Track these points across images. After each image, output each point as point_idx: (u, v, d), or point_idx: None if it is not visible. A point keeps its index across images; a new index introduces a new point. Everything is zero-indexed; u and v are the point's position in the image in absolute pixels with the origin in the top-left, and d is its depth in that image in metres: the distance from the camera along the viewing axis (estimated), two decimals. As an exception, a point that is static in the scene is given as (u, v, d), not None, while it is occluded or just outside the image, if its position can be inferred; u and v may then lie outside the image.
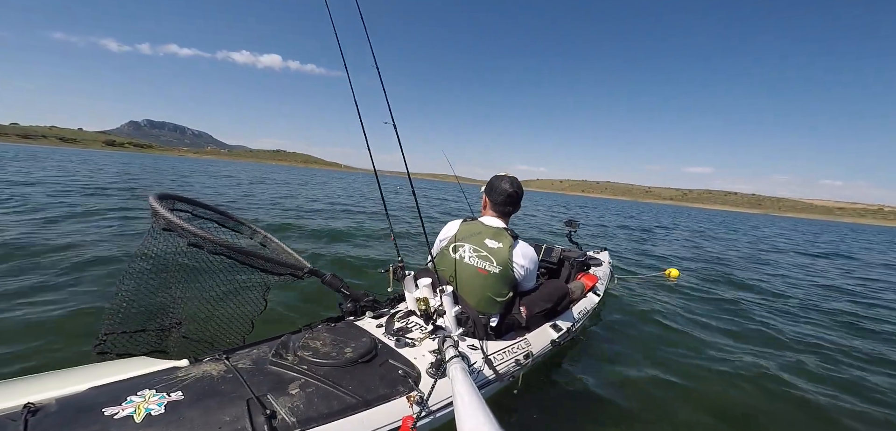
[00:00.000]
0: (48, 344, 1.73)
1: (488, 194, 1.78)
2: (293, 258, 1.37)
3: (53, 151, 49.64)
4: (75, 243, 3.52)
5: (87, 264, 2.97)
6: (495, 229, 1.70)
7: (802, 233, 22.43)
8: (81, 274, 2.74)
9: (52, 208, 5.25)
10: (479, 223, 1.76)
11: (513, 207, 1.77)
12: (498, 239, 1.66)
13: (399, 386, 1.13)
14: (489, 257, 1.62)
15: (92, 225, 4.48)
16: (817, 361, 2.57)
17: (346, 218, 7.43)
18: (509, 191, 1.72)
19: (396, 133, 1.64)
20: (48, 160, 18.91)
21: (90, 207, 5.61)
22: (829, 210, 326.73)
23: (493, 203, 1.76)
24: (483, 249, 1.65)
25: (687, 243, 9.75)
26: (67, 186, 8.03)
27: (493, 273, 1.61)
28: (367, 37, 1.64)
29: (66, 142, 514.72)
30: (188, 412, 0.88)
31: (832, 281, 6.10)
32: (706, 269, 5.94)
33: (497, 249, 1.64)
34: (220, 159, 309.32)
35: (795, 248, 11.47)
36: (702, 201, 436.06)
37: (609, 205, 39.78)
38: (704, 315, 3.43)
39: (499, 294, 1.64)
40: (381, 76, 1.62)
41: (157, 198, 1.01)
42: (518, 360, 1.52)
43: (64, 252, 3.20)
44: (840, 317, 3.72)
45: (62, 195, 6.63)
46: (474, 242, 1.67)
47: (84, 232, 4.01)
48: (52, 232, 3.87)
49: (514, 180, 1.75)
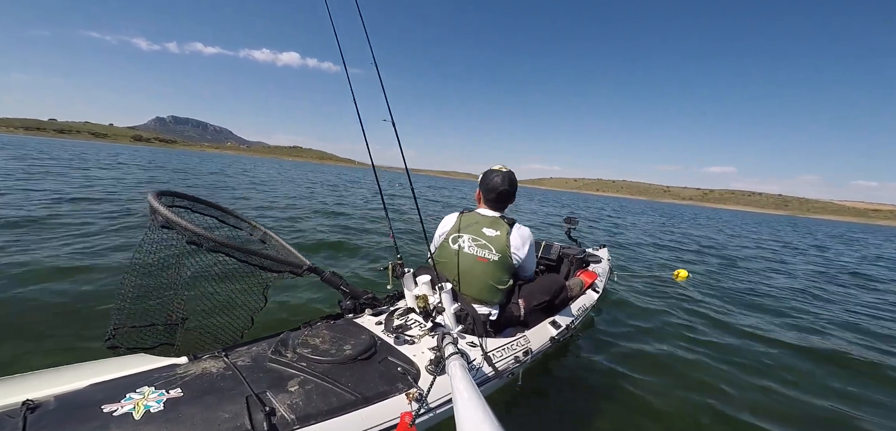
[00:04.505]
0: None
1: (481, 188, 1.80)
2: (293, 255, 1.38)
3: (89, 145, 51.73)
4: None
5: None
6: (492, 218, 1.73)
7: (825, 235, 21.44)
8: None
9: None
10: (476, 213, 1.78)
11: (504, 203, 1.78)
12: (495, 227, 1.69)
13: (398, 383, 1.13)
14: (488, 245, 1.66)
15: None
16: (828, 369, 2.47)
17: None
18: (501, 187, 1.72)
19: (395, 131, 1.65)
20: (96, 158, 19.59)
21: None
22: (861, 212, 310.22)
23: (485, 198, 1.79)
24: (481, 238, 1.68)
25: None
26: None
27: (493, 260, 1.65)
28: (365, 34, 1.64)
29: (98, 137, 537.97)
30: (187, 409, 0.88)
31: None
32: (713, 271, 5.78)
33: (495, 237, 1.67)
34: (239, 154, 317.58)
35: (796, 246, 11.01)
36: (723, 201, 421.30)
37: (631, 206, 39.10)
38: (710, 313, 3.35)
39: (500, 281, 1.67)
40: (379, 74, 1.63)
41: (155, 195, 1.03)
42: (517, 357, 1.51)
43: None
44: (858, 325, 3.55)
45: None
46: (472, 232, 1.70)
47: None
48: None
49: (507, 175, 1.74)
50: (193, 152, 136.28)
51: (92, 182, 8.06)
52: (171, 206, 1.10)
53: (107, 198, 6.05)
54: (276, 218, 6.18)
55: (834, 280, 6.05)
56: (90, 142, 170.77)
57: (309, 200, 9.22)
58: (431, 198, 15.39)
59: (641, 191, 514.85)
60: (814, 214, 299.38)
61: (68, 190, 6.47)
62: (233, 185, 11.36)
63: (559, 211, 17.41)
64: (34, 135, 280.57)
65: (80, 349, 1.74)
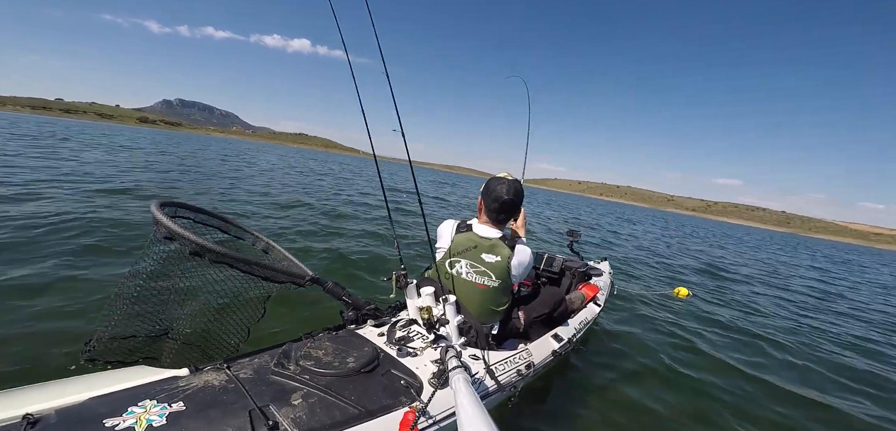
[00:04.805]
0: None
1: (483, 197, 1.65)
2: (295, 266, 1.37)
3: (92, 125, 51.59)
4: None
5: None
6: (491, 242, 1.61)
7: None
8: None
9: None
10: (474, 235, 1.65)
11: (507, 215, 1.64)
12: (495, 253, 1.59)
13: (401, 397, 1.12)
14: (487, 272, 1.59)
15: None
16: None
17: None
18: (505, 198, 1.57)
19: (404, 140, 1.61)
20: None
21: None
22: (863, 235, 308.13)
23: (487, 208, 1.64)
24: (480, 264, 1.60)
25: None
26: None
27: (493, 287, 1.60)
28: (376, 40, 1.62)
29: (104, 118, 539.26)
30: (190, 423, 0.87)
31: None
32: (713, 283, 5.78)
33: (495, 263, 1.58)
34: (244, 139, 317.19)
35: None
36: (726, 214, 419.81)
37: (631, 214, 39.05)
38: (709, 332, 3.35)
39: (499, 304, 1.65)
40: (391, 87, 1.60)
41: (158, 206, 1.02)
42: (520, 370, 1.51)
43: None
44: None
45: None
46: (471, 257, 1.61)
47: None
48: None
49: (513, 185, 1.59)
50: (199, 135, 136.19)
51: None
52: (174, 217, 1.09)
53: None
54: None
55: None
56: (95, 122, 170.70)
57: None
58: (433, 195, 14.96)
59: (645, 199, 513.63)
60: (814, 233, 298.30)
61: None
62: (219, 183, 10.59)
63: (553, 212, 17.33)
64: (40, 115, 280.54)
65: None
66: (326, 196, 8.74)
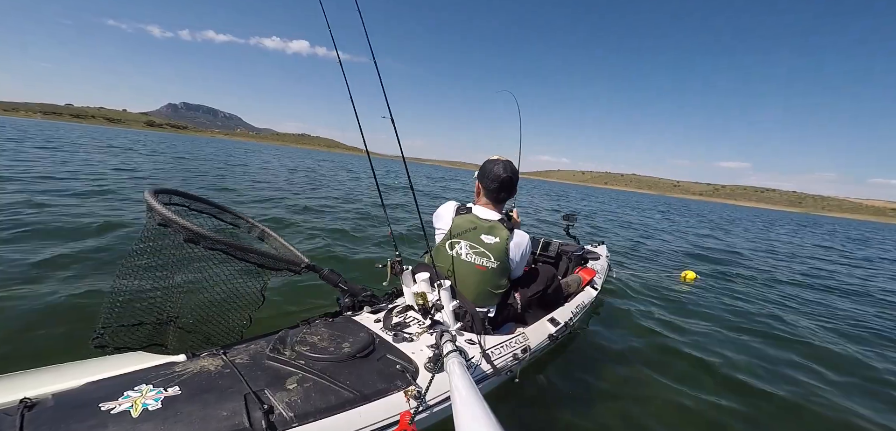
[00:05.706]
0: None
1: (481, 179, 1.70)
2: (291, 253, 1.38)
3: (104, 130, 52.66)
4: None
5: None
6: (490, 223, 1.66)
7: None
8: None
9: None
10: (474, 216, 1.69)
11: (506, 193, 1.70)
12: (494, 234, 1.63)
13: (397, 381, 1.13)
14: (486, 253, 1.62)
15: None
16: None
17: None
18: (502, 176, 1.63)
19: (394, 127, 1.62)
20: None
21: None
22: (881, 210, 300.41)
23: (485, 189, 1.69)
24: (479, 245, 1.63)
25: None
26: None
27: (491, 268, 1.62)
28: (364, 31, 1.61)
29: (112, 122, 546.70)
30: (185, 407, 0.88)
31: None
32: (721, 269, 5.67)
33: (494, 244, 1.62)
34: (248, 141, 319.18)
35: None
36: (735, 197, 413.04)
37: (633, 200, 38.45)
38: (712, 315, 3.31)
39: (497, 286, 1.66)
40: (379, 72, 1.60)
41: (152, 192, 1.02)
42: (516, 355, 1.51)
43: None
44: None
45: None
46: (470, 238, 1.65)
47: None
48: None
49: (508, 164, 1.66)
50: (206, 138, 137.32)
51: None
52: (168, 204, 1.10)
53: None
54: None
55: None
56: (105, 127, 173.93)
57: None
58: (425, 189, 14.54)
59: (651, 186, 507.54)
60: (829, 212, 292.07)
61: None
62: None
63: (549, 202, 17.09)
64: (51, 120, 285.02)
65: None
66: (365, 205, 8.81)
